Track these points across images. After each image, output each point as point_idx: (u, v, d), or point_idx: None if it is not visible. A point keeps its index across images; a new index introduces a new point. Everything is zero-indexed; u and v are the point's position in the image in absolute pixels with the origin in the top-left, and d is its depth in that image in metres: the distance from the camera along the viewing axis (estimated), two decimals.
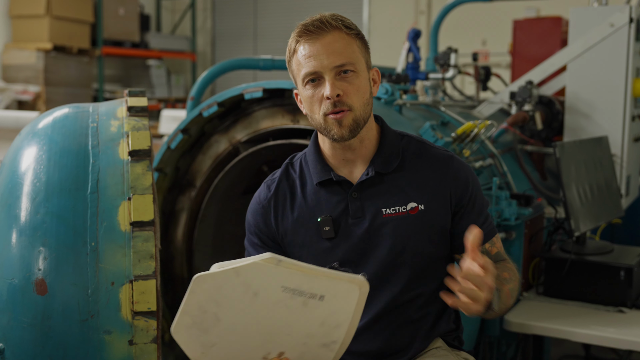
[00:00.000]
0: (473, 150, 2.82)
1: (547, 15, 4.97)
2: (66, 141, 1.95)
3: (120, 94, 8.46)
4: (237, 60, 3.34)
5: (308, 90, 1.66)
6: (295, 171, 1.81)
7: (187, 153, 2.97)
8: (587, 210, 2.76)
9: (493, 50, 7.31)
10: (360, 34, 1.70)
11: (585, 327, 2.43)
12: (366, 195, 1.72)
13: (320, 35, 1.63)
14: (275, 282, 1.39)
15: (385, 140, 1.76)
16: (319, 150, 1.78)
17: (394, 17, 8.37)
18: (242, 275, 1.39)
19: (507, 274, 1.68)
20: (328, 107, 1.63)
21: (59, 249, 1.76)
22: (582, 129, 3.23)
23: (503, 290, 1.61)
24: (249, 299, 1.40)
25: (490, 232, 1.77)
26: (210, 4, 10.04)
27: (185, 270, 3.02)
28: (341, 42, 1.63)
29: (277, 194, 1.79)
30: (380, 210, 1.71)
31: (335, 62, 1.62)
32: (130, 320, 1.75)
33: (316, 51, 1.62)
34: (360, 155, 1.74)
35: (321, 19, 1.64)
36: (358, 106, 1.65)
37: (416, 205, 1.71)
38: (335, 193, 1.74)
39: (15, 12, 7.56)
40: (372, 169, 1.71)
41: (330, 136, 1.67)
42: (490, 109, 3.52)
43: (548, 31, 4.49)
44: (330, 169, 1.75)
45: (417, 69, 3.58)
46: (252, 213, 1.82)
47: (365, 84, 1.68)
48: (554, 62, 3.32)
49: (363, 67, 1.68)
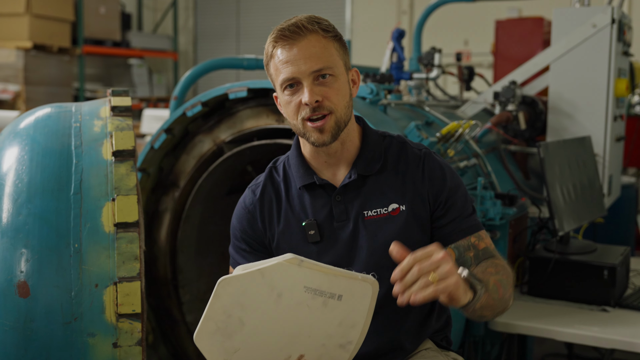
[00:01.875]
0: (457, 150, 2.82)
1: (529, 15, 4.99)
2: (49, 141, 1.93)
3: (101, 93, 8.40)
4: (221, 59, 3.32)
5: (286, 95, 1.65)
6: (279, 175, 1.80)
7: (171, 153, 2.94)
8: (571, 209, 2.77)
9: (475, 50, 7.34)
10: (337, 35, 1.69)
11: (570, 326, 2.44)
12: (349, 198, 1.72)
13: (296, 40, 1.62)
14: (298, 283, 1.40)
15: (367, 141, 1.75)
16: (301, 153, 1.77)
17: (376, 17, 8.38)
18: (267, 277, 1.39)
19: (492, 269, 1.66)
20: (307, 112, 1.62)
21: (41, 250, 1.74)
22: (565, 129, 3.25)
23: (489, 281, 1.59)
24: (273, 301, 1.40)
25: (474, 226, 1.75)
26: (192, 3, 9.99)
27: (168, 271, 2.99)
28: (318, 46, 1.62)
29: (262, 198, 1.78)
30: (362, 213, 1.71)
31: (312, 67, 1.61)
32: (115, 323, 1.73)
33: (293, 57, 1.61)
34: (343, 157, 1.73)
35: (297, 23, 1.63)
36: (339, 108, 1.64)
37: (397, 206, 1.71)
38: (319, 196, 1.73)
39: None
40: (355, 172, 1.71)
41: (310, 142, 1.67)
42: (473, 109, 3.53)
43: (530, 31, 4.51)
44: (313, 172, 1.74)
45: (401, 68, 3.58)
46: (238, 218, 1.81)
47: (344, 86, 1.67)
48: (537, 62, 3.33)
49: (341, 70, 1.67)
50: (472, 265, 1.69)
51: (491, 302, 1.57)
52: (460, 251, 1.75)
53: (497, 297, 1.60)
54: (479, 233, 1.76)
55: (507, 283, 1.66)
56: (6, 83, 7.29)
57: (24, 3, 7.31)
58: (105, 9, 8.45)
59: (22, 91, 7.38)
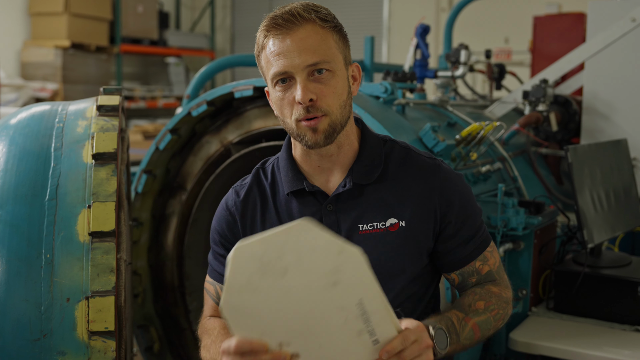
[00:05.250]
0: (480, 153, 2.63)
1: (569, 11, 4.74)
2: (27, 142, 1.82)
3: (138, 91, 8.39)
4: (236, 56, 3.21)
5: (278, 91, 1.48)
6: (266, 177, 1.64)
7: (178, 154, 2.83)
8: (603, 219, 2.55)
9: (516, 48, 7.07)
10: (337, 25, 1.51)
11: (598, 348, 2.22)
12: (342, 208, 1.54)
13: (290, 29, 1.44)
14: (358, 289, 1.23)
15: (365, 145, 1.57)
16: (291, 155, 1.60)
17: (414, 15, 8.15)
18: (342, 257, 1.21)
19: (482, 304, 1.51)
20: (301, 112, 1.45)
21: (10, 261, 1.63)
22: (601, 131, 3.02)
23: (465, 327, 1.45)
24: (325, 284, 1.22)
25: (481, 245, 1.59)
26: (229, 1, 9.93)
27: (176, 278, 2.88)
28: (315, 37, 1.45)
29: (246, 200, 1.62)
30: (357, 226, 1.53)
31: (307, 60, 1.43)
32: (87, 341, 1.61)
33: (286, 48, 1.44)
34: (338, 162, 1.56)
35: (292, 10, 1.45)
36: (334, 110, 1.46)
37: (396, 221, 1.52)
38: (308, 204, 1.56)
39: (34, 10, 7.53)
40: (350, 180, 1.53)
41: (303, 143, 1.49)
42: (503, 109, 3.31)
43: (570, 28, 4.29)
44: (303, 177, 1.57)
45: (425, 66, 3.38)
46: (218, 220, 1.66)
47: (342, 84, 1.49)
48: (571, 60, 3.11)
49: (340, 65, 1.49)
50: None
51: (459, 349, 1.44)
52: (464, 277, 1.61)
53: (470, 343, 1.47)
54: (485, 254, 1.60)
55: (491, 320, 1.53)
56: (45, 82, 7.33)
57: (63, 2, 7.33)
58: (143, 8, 8.44)
59: (60, 90, 7.41)
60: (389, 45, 8.41)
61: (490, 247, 1.61)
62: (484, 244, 1.59)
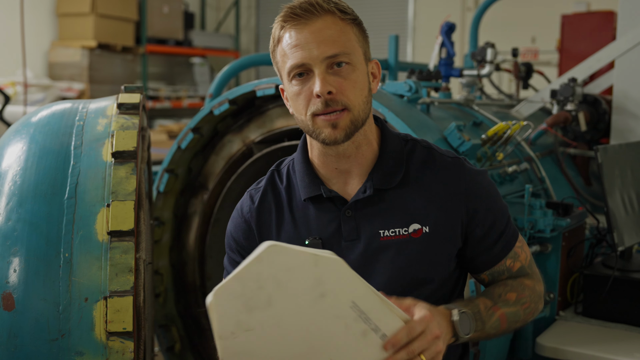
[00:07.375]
0: (507, 153, 2.58)
1: (598, 9, 4.65)
2: (47, 140, 1.80)
3: (163, 91, 8.43)
4: (259, 55, 3.18)
5: (294, 86, 1.41)
6: (282, 181, 1.57)
7: (200, 153, 2.81)
8: (633, 221, 2.48)
9: (543, 47, 6.97)
10: (357, 19, 1.45)
11: (629, 354, 2.16)
12: (362, 214, 1.48)
13: (309, 20, 1.39)
14: (347, 293, 1.20)
15: (386, 147, 1.50)
16: (307, 158, 1.53)
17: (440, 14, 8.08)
18: (320, 267, 1.19)
19: (513, 295, 1.46)
20: (318, 106, 1.38)
21: (29, 260, 1.61)
22: (631, 131, 2.95)
23: (494, 314, 1.42)
24: (313, 298, 1.20)
25: (510, 241, 1.53)
26: (254, 2, 9.93)
27: (197, 278, 2.86)
28: (334, 28, 1.39)
29: (261, 206, 1.56)
30: (378, 232, 1.46)
31: (326, 52, 1.37)
32: (105, 341, 1.59)
33: (304, 39, 1.38)
34: (357, 164, 1.49)
35: (310, 0, 1.40)
36: (356, 104, 1.40)
37: (420, 227, 1.46)
38: (326, 210, 1.49)
39: (61, 11, 7.60)
40: (371, 185, 1.47)
41: (320, 139, 1.42)
42: (530, 108, 3.24)
43: (599, 27, 4.21)
44: (320, 182, 1.50)
45: (450, 65, 3.32)
46: (234, 227, 1.60)
47: (363, 78, 1.43)
48: (600, 58, 3.03)
49: (360, 59, 1.43)
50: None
51: (484, 336, 1.42)
52: (494, 276, 1.56)
53: (495, 332, 1.44)
54: (515, 250, 1.54)
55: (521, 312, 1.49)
56: (71, 82, 7.39)
57: (89, 3, 7.39)
58: (169, 9, 8.47)
59: (86, 89, 7.47)
60: (414, 46, 8.34)
61: (520, 241, 1.55)
62: (512, 240, 1.53)
